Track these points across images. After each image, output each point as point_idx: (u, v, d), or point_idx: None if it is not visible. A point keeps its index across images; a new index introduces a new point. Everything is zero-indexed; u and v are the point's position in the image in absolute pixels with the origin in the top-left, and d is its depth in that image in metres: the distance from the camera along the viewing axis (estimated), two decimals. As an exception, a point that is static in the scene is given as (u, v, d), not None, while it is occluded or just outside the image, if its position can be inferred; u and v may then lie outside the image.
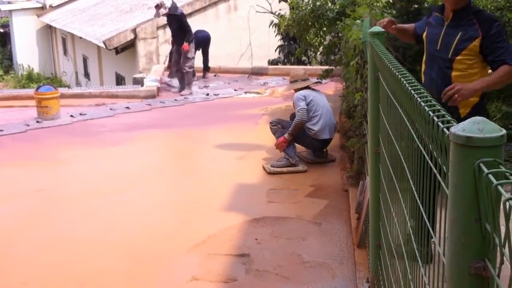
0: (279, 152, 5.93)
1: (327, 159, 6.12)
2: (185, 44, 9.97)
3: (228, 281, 3.73)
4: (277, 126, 5.97)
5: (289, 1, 8.59)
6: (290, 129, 5.81)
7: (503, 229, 0.94)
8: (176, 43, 10.24)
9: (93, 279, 3.81)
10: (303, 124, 5.80)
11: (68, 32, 18.06)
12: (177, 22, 10.04)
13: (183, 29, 10.03)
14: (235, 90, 10.64)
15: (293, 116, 6.12)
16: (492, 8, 7.13)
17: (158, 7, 10.09)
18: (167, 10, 9.98)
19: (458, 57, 3.34)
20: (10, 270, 3.99)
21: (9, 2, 22.30)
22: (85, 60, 18.02)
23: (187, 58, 10.10)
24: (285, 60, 13.32)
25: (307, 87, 6.09)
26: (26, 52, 21.44)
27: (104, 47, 13.50)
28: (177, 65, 10.34)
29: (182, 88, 10.45)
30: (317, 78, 9.30)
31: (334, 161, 6.12)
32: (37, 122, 8.26)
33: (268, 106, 9.05)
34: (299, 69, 6.53)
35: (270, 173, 5.77)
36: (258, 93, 10.40)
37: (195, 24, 11.78)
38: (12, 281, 3.84)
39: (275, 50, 13.39)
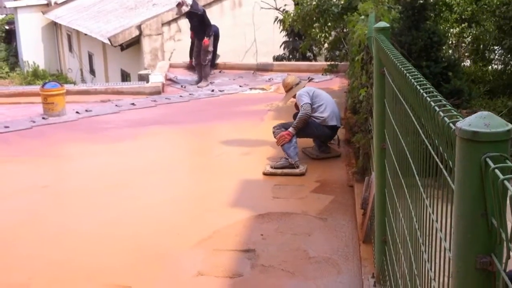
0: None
1: (333, 154, 6.10)
2: (206, 39, 10.18)
3: (233, 276, 3.74)
4: (281, 130, 5.84)
5: (294, -3, 8.59)
6: (295, 122, 5.79)
7: (509, 224, 0.94)
8: (196, 38, 10.41)
9: (99, 274, 3.83)
10: (308, 118, 5.79)
11: (73, 29, 18.08)
12: (198, 18, 10.22)
13: (203, 25, 10.21)
14: (240, 86, 10.63)
15: (296, 115, 6.10)
16: (498, 3, 7.10)
17: (179, 5, 10.26)
18: (189, 7, 10.16)
19: None
20: (17, 266, 4.01)
21: (14, -1, 22.35)
22: (90, 57, 18.04)
23: (207, 52, 10.37)
24: (290, 56, 13.30)
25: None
26: (32, 49, 21.48)
27: (109, 43, 13.51)
28: (197, 58, 10.53)
29: (199, 81, 10.61)
30: (323, 74, 9.31)
31: (339, 157, 6.11)
32: (43, 118, 8.28)
33: (273, 102, 9.03)
34: (289, 76, 6.44)
35: (264, 173, 5.66)
36: (263, 89, 10.38)
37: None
38: (18, 276, 3.86)
39: (280, 46, 13.36)
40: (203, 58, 10.45)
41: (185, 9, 10.22)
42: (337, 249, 4.06)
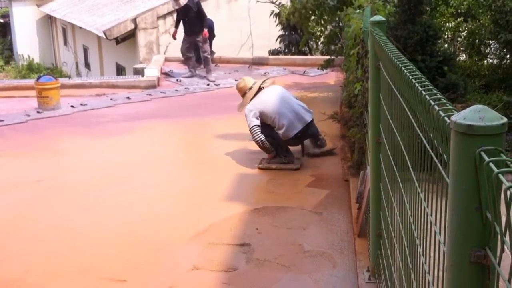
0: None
1: (328, 149, 6.06)
2: (205, 31, 10.16)
3: (229, 270, 3.74)
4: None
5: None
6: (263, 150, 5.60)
7: (503, 218, 0.94)
8: (191, 31, 10.32)
9: (94, 268, 3.82)
10: (263, 142, 5.50)
11: (68, 22, 18.01)
12: (194, 10, 10.20)
13: (200, 17, 10.18)
14: (235, 80, 10.59)
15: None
16: (494, -3, 7.09)
17: None
18: (186, 0, 10.14)
19: None
20: (12, 259, 4.00)
21: (8, -8, 22.21)
22: (85, 50, 17.98)
23: (207, 44, 10.39)
24: (286, 50, 13.29)
25: (259, 89, 5.75)
26: (27, 42, 21.39)
27: (105, 37, 13.46)
28: (187, 53, 10.49)
29: (189, 74, 10.65)
30: (319, 68, 9.23)
31: (335, 150, 6.10)
32: (38, 112, 8.25)
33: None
34: (242, 80, 5.95)
35: (259, 168, 5.62)
36: (258, 83, 10.37)
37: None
38: (14, 270, 3.85)
39: (276, 40, 13.35)
40: (205, 50, 10.45)
41: (183, 2, 10.16)
42: (332, 243, 4.06)
